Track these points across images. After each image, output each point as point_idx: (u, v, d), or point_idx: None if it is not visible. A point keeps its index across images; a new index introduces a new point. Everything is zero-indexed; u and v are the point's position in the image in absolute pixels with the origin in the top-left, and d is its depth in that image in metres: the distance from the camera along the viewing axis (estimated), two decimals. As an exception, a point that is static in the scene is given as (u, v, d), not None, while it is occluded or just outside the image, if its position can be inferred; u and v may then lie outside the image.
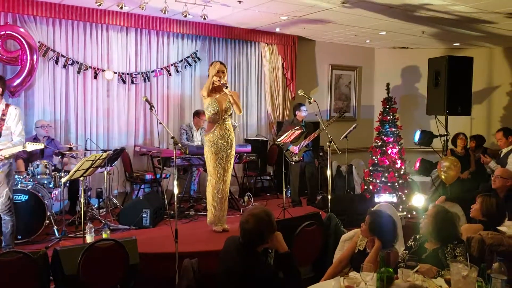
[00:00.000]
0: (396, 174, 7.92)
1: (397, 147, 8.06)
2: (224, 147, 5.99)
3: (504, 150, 7.31)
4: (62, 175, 6.38)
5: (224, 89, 5.90)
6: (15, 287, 3.86)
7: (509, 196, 5.49)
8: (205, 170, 7.73)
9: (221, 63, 6.11)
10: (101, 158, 5.38)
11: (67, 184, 6.60)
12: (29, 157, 6.66)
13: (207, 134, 6.02)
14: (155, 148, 7.91)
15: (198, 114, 8.19)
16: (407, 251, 3.81)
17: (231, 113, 6.17)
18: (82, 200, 5.22)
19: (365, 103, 11.35)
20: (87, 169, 5.24)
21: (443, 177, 7.34)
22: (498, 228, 4.42)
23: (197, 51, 8.79)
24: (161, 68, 8.44)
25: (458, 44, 10.40)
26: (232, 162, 6.18)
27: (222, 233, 6.05)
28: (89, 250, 4.19)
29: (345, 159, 8.80)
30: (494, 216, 4.46)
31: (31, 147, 5.23)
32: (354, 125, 7.95)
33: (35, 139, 6.82)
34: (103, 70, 7.86)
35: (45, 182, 6.37)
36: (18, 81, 6.98)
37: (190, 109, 8.76)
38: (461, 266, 3.03)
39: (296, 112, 8.13)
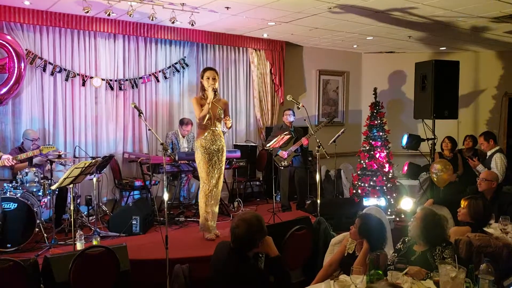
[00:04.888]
0: (384, 178, 7.98)
1: (385, 151, 8.12)
2: (216, 153, 5.99)
3: (489, 153, 7.41)
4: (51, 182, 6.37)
5: (211, 91, 5.86)
6: (6, 296, 3.85)
7: (495, 198, 5.56)
8: (195, 176, 7.76)
9: (211, 69, 6.11)
10: (90, 165, 5.38)
11: (56, 192, 6.57)
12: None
13: (199, 139, 5.99)
14: (144, 155, 7.90)
15: (182, 123, 8.17)
16: (396, 254, 3.84)
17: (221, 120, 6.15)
18: (72, 207, 5.22)
19: (352, 108, 11.42)
20: (76, 177, 5.23)
21: (435, 179, 7.40)
22: (485, 229, 4.48)
23: (185, 57, 8.80)
24: (149, 75, 8.44)
25: (445, 48, 10.51)
26: (223, 168, 6.18)
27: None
28: (80, 257, 4.18)
29: (334, 164, 8.84)
30: (481, 218, 4.51)
31: None
32: (342, 130, 7.98)
33: (21, 150, 6.79)
34: (91, 77, 7.85)
35: (34, 190, 6.34)
36: (5, 89, 6.96)
37: (178, 115, 8.76)
38: (450, 268, 3.07)
39: (282, 117, 8.19)
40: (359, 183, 8.16)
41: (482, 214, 4.49)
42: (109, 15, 6.65)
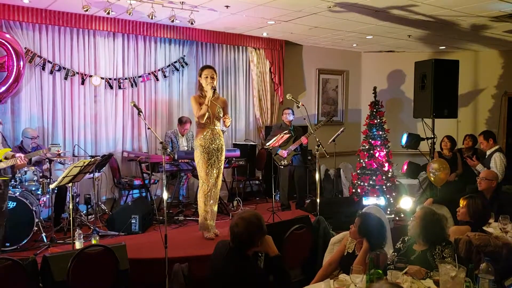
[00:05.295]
0: (383, 177, 7.97)
1: (384, 150, 8.10)
2: (215, 152, 5.97)
3: (488, 152, 7.39)
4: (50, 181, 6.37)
5: (210, 89, 5.83)
6: (5, 295, 3.84)
7: (495, 197, 5.56)
8: (194, 175, 7.75)
9: (209, 67, 6.09)
10: (89, 164, 5.37)
11: (55, 191, 6.56)
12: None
13: (198, 138, 5.97)
14: (143, 154, 7.89)
15: (180, 122, 8.17)
16: (395, 253, 3.84)
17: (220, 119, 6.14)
18: (71, 206, 5.21)
19: (352, 107, 11.41)
20: (75, 175, 5.22)
21: (432, 179, 7.39)
22: (485, 228, 4.48)
23: (184, 56, 8.78)
24: (149, 73, 8.43)
25: (444, 47, 10.50)
26: (222, 167, 6.17)
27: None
28: (78, 256, 4.17)
29: (333, 163, 8.83)
30: (480, 217, 4.51)
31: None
32: (341, 129, 7.98)
33: (20, 148, 6.78)
34: (90, 76, 7.83)
35: (33, 188, 6.34)
36: (4, 87, 6.93)
37: (178, 114, 8.73)
38: (450, 267, 3.06)
39: (282, 116, 8.20)
40: (359, 182, 8.15)
41: (481, 213, 4.50)
42: (108, 13, 6.64)
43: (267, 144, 7.10)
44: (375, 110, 8.22)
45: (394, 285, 2.56)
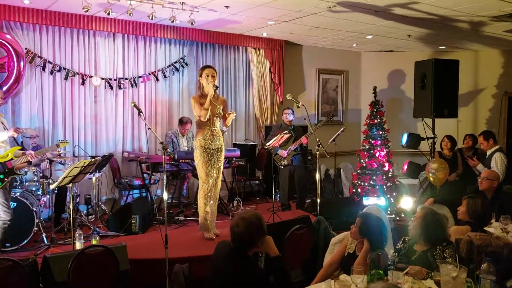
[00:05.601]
0: (384, 177, 7.97)
1: (384, 150, 8.11)
2: (215, 152, 5.98)
3: (488, 152, 7.38)
4: (50, 181, 6.36)
5: (212, 87, 5.85)
6: (5, 295, 3.84)
7: (496, 197, 5.55)
8: (194, 176, 7.74)
9: (209, 67, 6.10)
10: (89, 164, 5.37)
11: (56, 191, 6.55)
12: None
13: (198, 138, 5.98)
14: (144, 154, 7.88)
15: (181, 122, 8.16)
16: (396, 253, 3.84)
17: (220, 119, 6.15)
18: (71, 206, 5.21)
19: (352, 107, 11.40)
20: (76, 176, 5.22)
21: (431, 179, 7.39)
22: (486, 229, 4.47)
23: (184, 56, 8.77)
24: (149, 74, 8.42)
25: (444, 47, 10.49)
26: (222, 167, 6.17)
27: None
28: (79, 257, 4.17)
29: (333, 163, 8.82)
30: (480, 217, 4.51)
31: None
32: (341, 129, 7.98)
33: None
34: (91, 76, 7.82)
35: (34, 189, 6.34)
36: (5, 88, 6.92)
37: (178, 114, 8.72)
38: (451, 267, 3.06)
39: (282, 116, 8.20)
40: (359, 182, 8.15)
41: (481, 213, 4.50)
42: (108, 14, 6.63)
43: (267, 144, 7.10)
44: (375, 110, 8.22)
45: (391, 285, 2.56)
